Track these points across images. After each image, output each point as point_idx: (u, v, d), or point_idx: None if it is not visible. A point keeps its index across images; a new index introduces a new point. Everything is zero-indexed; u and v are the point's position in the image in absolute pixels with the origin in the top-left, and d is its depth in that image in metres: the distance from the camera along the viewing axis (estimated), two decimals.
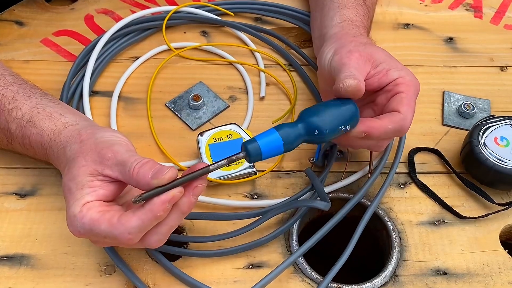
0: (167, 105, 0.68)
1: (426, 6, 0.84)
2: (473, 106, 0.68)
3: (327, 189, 0.60)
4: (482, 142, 0.60)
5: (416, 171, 0.63)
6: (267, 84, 0.72)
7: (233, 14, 0.78)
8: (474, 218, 0.59)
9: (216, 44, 0.76)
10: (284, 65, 0.74)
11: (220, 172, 0.59)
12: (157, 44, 0.75)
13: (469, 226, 0.59)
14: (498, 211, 0.59)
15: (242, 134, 0.62)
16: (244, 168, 0.60)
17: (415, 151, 0.65)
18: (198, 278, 0.52)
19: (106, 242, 0.48)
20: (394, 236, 0.57)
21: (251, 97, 0.70)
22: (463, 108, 0.68)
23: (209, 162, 0.59)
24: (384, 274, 0.54)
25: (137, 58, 0.73)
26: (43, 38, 0.75)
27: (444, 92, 0.71)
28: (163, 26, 0.74)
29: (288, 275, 0.54)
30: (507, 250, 0.57)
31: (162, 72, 0.72)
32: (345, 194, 0.61)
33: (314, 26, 0.71)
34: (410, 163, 0.63)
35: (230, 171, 0.60)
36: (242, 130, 0.62)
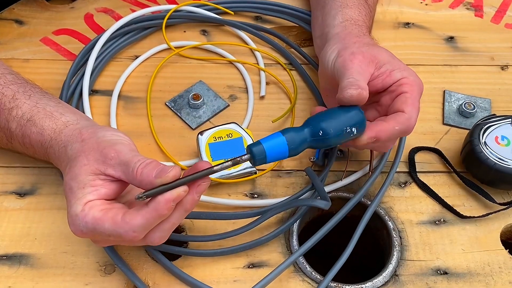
0: (167, 104, 0.68)
1: (426, 5, 0.84)
2: (473, 105, 0.68)
3: (328, 188, 0.60)
4: (483, 142, 0.60)
5: (416, 171, 0.63)
6: (267, 83, 0.72)
7: (233, 13, 0.78)
8: (474, 217, 0.59)
9: (216, 43, 0.75)
10: (284, 64, 0.74)
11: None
12: (157, 43, 0.75)
13: (469, 225, 0.59)
14: (499, 211, 0.59)
15: (242, 133, 0.62)
16: (244, 167, 0.60)
17: (416, 151, 0.65)
18: (198, 278, 0.52)
19: (109, 241, 0.47)
20: (394, 235, 0.57)
21: (251, 96, 0.70)
22: (464, 107, 0.68)
23: (209, 161, 0.59)
24: (384, 274, 0.54)
25: (137, 57, 0.73)
26: (43, 37, 0.74)
27: (444, 91, 0.71)
28: (163, 25, 0.74)
29: (288, 275, 0.54)
30: (508, 250, 0.57)
31: (162, 71, 0.72)
32: (345, 194, 0.60)
33: (315, 25, 0.71)
34: (411, 163, 0.63)
35: (230, 170, 0.59)
36: (242, 129, 0.62)
